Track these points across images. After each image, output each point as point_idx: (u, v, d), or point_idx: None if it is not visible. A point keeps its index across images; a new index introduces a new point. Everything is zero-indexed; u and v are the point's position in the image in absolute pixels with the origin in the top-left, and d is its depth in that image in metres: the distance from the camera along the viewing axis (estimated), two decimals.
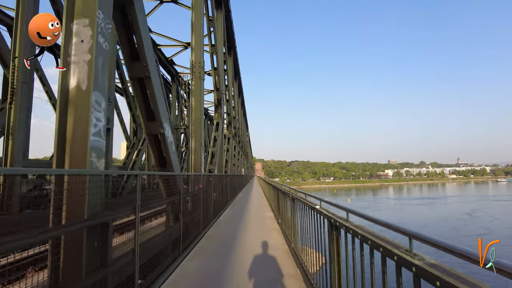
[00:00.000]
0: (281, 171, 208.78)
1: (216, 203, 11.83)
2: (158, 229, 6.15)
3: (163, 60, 26.65)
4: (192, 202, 8.85)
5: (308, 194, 5.74)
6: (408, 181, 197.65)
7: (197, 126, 10.45)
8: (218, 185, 12.77)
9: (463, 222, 41.98)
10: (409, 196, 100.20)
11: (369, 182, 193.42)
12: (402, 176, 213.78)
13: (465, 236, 31.02)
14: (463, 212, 51.76)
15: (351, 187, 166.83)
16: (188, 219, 7.76)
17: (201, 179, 9.08)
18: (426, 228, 37.73)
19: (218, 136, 15.64)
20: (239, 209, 14.45)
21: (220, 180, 13.98)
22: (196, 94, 10.69)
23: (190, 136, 10.37)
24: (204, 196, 9.30)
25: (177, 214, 7.25)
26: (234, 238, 8.42)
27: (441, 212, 54.18)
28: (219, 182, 13.37)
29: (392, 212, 56.43)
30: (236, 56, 31.11)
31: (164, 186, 6.61)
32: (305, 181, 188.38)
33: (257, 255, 6.60)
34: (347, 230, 2.95)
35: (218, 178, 13.18)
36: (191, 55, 10.81)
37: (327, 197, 23.15)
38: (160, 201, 6.59)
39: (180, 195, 6.70)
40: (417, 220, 44.34)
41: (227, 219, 11.55)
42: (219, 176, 13.34)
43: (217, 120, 16.52)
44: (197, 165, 10.26)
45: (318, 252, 4.26)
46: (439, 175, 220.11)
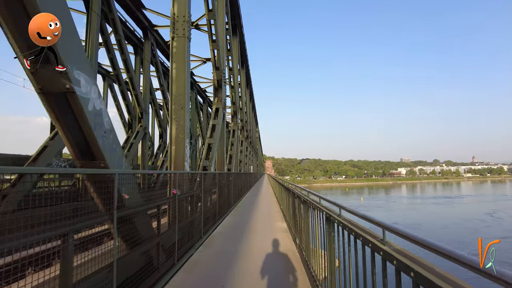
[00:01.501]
0: (291, 169, 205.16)
1: (209, 212, 8.76)
2: None
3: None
4: (167, 215, 5.81)
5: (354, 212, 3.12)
6: (422, 180, 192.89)
7: (179, 103, 7.34)
8: (212, 188, 9.71)
9: (485, 224, 39.18)
10: (424, 195, 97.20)
11: (381, 181, 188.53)
12: (415, 174, 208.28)
13: (490, 240, 27.11)
14: (484, 212, 48.56)
15: (363, 185, 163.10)
16: (149, 245, 4.71)
17: (178, 179, 5.99)
18: (446, 229, 35.46)
19: (217, 124, 12.54)
20: (243, 217, 11.35)
21: (219, 180, 10.93)
22: (178, 59, 7.54)
23: (169, 119, 7.28)
24: (185, 206, 6.23)
25: (129, 239, 4.20)
26: (228, 270, 5.36)
27: (460, 212, 51.28)
28: (216, 183, 10.34)
29: (407, 212, 53.00)
30: (248, 68, 28.67)
31: (97, 194, 3.59)
32: (316, 179, 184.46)
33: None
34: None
35: (214, 177, 10.06)
36: (172, 6, 7.67)
37: (339, 196, 20.00)
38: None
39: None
40: (434, 220, 41.73)
41: (224, 234, 8.42)
42: (214, 175, 10.17)
43: (216, 106, 13.39)
44: (179, 159, 7.15)
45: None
46: (454, 173, 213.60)
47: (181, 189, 6.46)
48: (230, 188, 13.45)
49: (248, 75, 32.76)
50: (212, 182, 10.04)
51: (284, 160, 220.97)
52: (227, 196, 11.97)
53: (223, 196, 11.64)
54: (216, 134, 12.01)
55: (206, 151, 11.25)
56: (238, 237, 7.87)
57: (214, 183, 10.12)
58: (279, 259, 6.18)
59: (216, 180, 10.37)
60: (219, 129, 12.29)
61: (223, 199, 11.32)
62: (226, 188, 12.08)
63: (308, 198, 5.68)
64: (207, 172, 9.42)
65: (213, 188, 10.05)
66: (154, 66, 21.39)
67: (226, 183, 12.11)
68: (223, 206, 11.09)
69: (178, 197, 5.58)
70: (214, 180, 10.21)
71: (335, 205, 3.68)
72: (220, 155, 14.12)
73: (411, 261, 1.82)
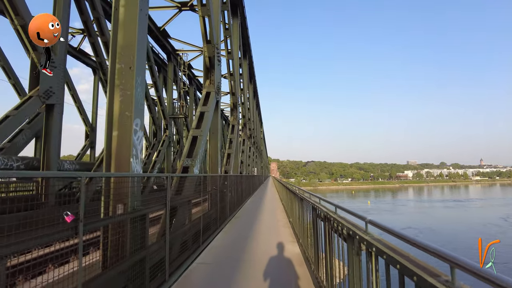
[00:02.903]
0: (296, 171, 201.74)
1: (188, 233, 5.78)
2: None
3: (153, 30, 20.58)
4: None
5: None
6: (429, 183, 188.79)
7: (126, 61, 4.38)
8: (195, 197, 6.75)
9: (501, 228, 36.58)
10: (433, 198, 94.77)
11: (388, 184, 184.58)
12: (422, 177, 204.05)
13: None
14: (498, 217, 46.20)
15: (369, 188, 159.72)
16: None
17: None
18: (463, 234, 32.95)
19: (207, 111, 9.55)
20: (241, 234, 8.34)
21: (203, 184, 7.98)
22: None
23: (108, 87, 4.33)
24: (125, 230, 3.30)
25: None
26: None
27: (473, 216, 49.20)
28: (201, 188, 7.40)
29: (420, 216, 50.82)
30: (251, 59, 28.01)
31: None
32: (322, 182, 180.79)
33: None
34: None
35: (194, 182, 7.06)
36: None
37: (345, 199, 16.58)
38: None
39: None
40: (449, 224, 39.49)
41: (208, 270, 5.39)
42: (193, 179, 7.12)
43: (207, 89, 10.39)
44: (122, 152, 4.18)
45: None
46: (462, 176, 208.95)
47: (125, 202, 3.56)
48: (226, 196, 10.46)
49: (252, 67, 29.68)
50: (195, 189, 7.13)
51: (289, 162, 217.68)
52: (218, 210, 8.96)
53: (216, 206, 8.68)
54: (205, 124, 9.02)
55: (189, 147, 8.24)
56: (228, 277, 4.90)
57: (198, 191, 7.21)
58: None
59: (205, 183, 7.44)
60: (209, 118, 9.30)
61: (213, 211, 8.35)
62: (219, 196, 9.10)
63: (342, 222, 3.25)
64: (179, 175, 6.42)
65: (196, 197, 7.13)
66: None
67: (219, 190, 9.11)
68: (211, 223, 8.09)
69: None
70: (198, 187, 7.31)
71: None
72: (214, 154, 11.13)
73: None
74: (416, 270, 1.69)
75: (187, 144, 8.33)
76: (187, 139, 9.21)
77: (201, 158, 8.29)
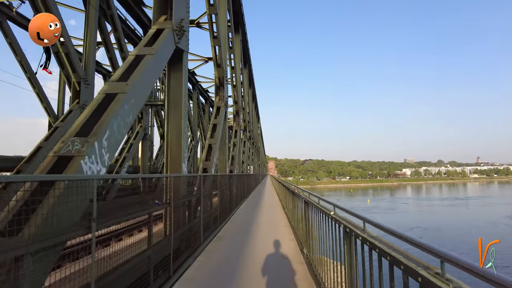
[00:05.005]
0: (294, 170, 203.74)
1: None
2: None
3: None
4: None
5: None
6: (428, 181, 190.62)
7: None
8: None
9: (510, 228, 36.25)
10: (432, 196, 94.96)
11: (386, 182, 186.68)
12: (421, 175, 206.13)
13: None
14: (504, 215, 45.52)
15: (367, 186, 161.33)
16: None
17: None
18: (475, 235, 31.53)
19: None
20: (231, 256, 6.41)
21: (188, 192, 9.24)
22: None
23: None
24: None
25: None
26: None
27: (479, 214, 48.97)
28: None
29: (425, 215, 50.84)
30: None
31: None
32: (320, 181, 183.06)
33: None
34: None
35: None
36: None
37: (344, 198, 17.17)
38: None
39: None
40: (457, 223, 39.69)
41: None
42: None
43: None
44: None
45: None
46: (460, 174, 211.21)
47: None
48: (219, 198, 9.66)
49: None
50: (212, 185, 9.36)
51: (287, 161, 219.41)
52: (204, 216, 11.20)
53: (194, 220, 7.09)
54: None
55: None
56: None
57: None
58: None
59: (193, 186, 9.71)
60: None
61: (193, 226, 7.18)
62: (192, 202, 11.34)
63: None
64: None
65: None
66: None
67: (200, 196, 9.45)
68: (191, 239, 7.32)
69: None
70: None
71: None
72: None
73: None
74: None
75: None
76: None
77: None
